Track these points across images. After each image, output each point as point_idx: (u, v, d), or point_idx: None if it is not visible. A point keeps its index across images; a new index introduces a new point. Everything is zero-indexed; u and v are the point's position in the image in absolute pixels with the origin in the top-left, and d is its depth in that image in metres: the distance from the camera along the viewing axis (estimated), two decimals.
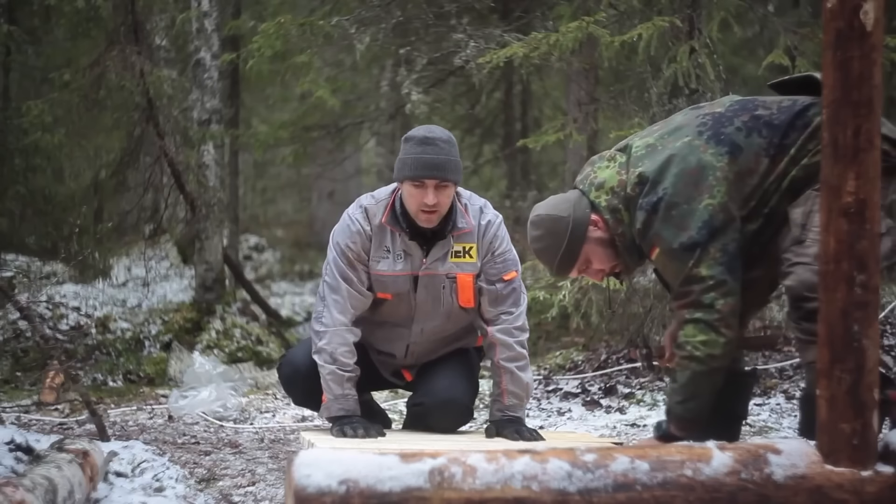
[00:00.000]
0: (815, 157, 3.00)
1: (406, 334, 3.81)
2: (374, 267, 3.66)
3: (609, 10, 5.34)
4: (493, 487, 2.11)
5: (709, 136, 3.08)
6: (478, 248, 3.66)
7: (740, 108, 3.13)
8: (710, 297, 3.01)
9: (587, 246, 3.20)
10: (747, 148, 3.04)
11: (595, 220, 3.19)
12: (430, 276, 3.66)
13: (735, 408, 3.39)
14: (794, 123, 3.04)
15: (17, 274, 7.27)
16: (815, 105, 3.05)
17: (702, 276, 3.00)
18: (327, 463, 2.10)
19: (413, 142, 3.54)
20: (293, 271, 12.15)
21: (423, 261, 3.65)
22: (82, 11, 6.76)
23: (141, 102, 6.76)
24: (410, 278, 3.66)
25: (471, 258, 3.66)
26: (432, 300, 3.70)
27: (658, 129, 3.26)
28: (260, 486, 3.67)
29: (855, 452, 2.20)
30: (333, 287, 3.67)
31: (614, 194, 3.15)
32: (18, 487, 2.60)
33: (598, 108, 5.93)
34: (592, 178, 3.22)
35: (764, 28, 7.23)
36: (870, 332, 2.18)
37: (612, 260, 3.24)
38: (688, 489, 2.17)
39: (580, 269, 3.27)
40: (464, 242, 3.65)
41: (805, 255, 2.92)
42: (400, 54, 7.00)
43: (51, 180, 7.29)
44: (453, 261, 3.65)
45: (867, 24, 2.13)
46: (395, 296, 3.69)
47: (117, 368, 6.83)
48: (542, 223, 3.24)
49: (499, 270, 3.67)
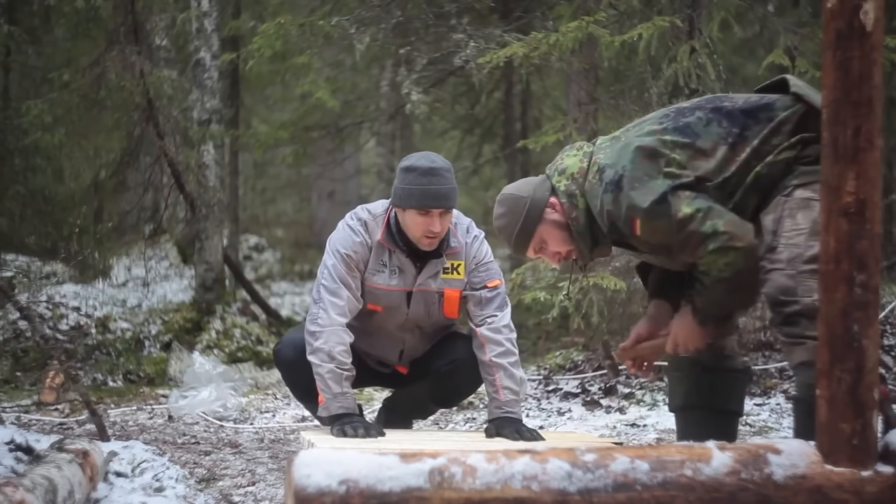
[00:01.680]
0: (780, 154, 3.02)
1: (399, 342, 3.94)
2: (370, 279, 3.77)
3: (609, 10, 5.34)
4: (493, 487, 2.11)
5: (668, 124, 3.14)
6: (465, 265, 3.84)
7: (706, 101, 3.20)
8: (709, 226, 3.01)
9: (542, 226, 3.29)
10: (705, 135, 3.08)
11: (553, 202, 3.27)
12: (422, 291, 3.81)
13: (730, 404, 3.41)
14: (756, 115, 3.07)
15: (17, 274, 7.27)
16: (781, 100, 3.08)
17: (689, 215, 3.02)
18: (327, 463, 2.10)
19: (417, 172, 3.65)
20: (293, 271, 12.15)
21: (416, 277, 3.78)
22: (82, 11, 6.76)
23: (141, 102, 6.76)
24: (404, 294, 3.80)
25: (458, 275, 3.84)
26: (423, 314, 3.85)
27: (628, 125, 3.35)
28: (260, 486, 3.67)
29: (855, 452, 2.20)
30: (332, 290, 3.73)
31: (573, 180, 3.23)
32: (18, 487, 2.60)
33: (598, 108, 5.93)
34: (558, 164, 3.31)
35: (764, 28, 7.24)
36: (870, 332, 2.18)
37: (567, 244, 3.31)
38: (688, 489, 2.17)
39: (535, 248, 3.36)
40: (453, 260, 3.83)
41: (778, 260, 2.95)
42: (400, 54, 7.00)
43: (51, 180, 7.29)
44: (444, 277, 3.82)
45: (867, 24, 2.13)
46: (385, 309, 3.82)
47: (117, 368, 6.83)
48: (504, 201, 3.35)
49: (482, 279, 3.85)
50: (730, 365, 3.39)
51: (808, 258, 2.90)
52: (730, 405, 3.41)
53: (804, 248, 2.92)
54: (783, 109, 3.06)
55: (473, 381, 3.90)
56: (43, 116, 6.60)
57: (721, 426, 3.32)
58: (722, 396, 3.36)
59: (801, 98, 3.06)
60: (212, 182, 7.71)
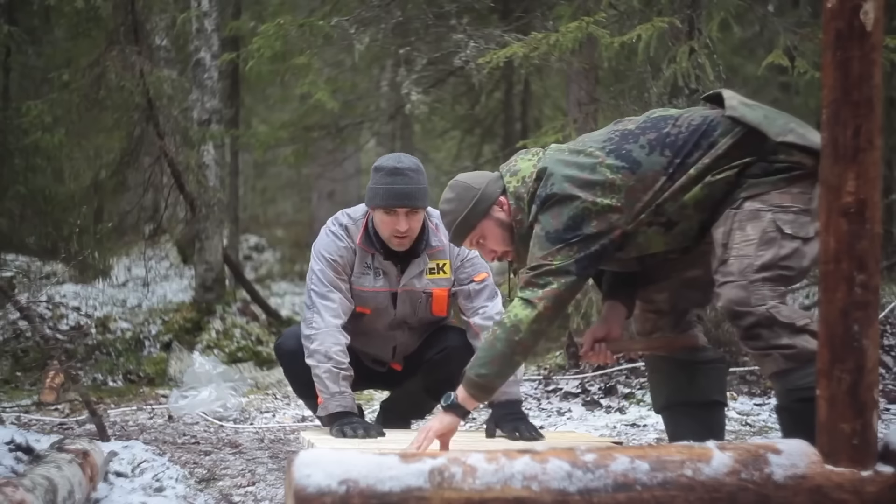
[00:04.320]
0: (718, 175, 3.02)
1: (391, 339, 4.00)
2: (357, 282, 3.85)
3: (609, 11, 5.34)
4: (493, 487, 2.11)
5: (610, 149, 3.15)
6: (451, 264, 3.90)
7: (651, 125, 3.19)
8: (545, 280, 3.08)
9: (486, 222, 3.29)
10: (647, 165, 3.09)
11: (501, 201, 3.29)
12: (407, 291, 3.89)
13: (714, 396, 3.43)
14: (698, 143, 3.08)
15: (17, 274, 7.27)
16: (723, 123, 3.07)
17: (550, 264, 3.07)
18: (327, 463, 2.10)
19: (383, 172, 3.74)
20: (293, 271, 12.16)
21: (399, 278, 3.85)
22: (82, 11, 6.75)
23: (141, 102, 6.76)
24: (389, 294, 3.87)
25: (444, 274, 3.90)
26: (410, 313, 3.92)
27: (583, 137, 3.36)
28: (260, 486, 3.67)
29: (855, 452, 2.20)
30: (323, 294, 3.80)
31: (523, 183, 3.24)
32: (18, 487, 2.60)
33: (598, 109, 5.92)
34: (512, 165, 3.33)
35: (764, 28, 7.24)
36: (870, 332, 2.18)
37: (506, 244, 3.32)
38: (688, 489, 2.17)
39: (473, 241, 3.36)
40: (437, 259, 3.89)
41: (729, 273, 2.96)
42: (400, 54, 6.99)
43: (51, 180, 7.29)
44: (429, 277, 3.89)
45: (867, 24, 2.13)
46: (374, 310, 3.89)
47: (117, 368, 6.84)
48: (455, 188, 3.35)
49: (469, 274, 3.91)
50: (704, 357, 3.41)
51: (758, 267, 2.91)
52: (713, 396, 3.43)
53: (754, 257, 2.93)
54: (724, 135, 3.05)
55: None
56: (43, 116, 6.60)
57: (707, 419, 3.35)
58: (703, 389, 3.39)
59: (738, 120, 3.06)
60: (212, 182, 7.72)
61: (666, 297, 3.36)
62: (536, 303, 3.07)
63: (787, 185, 2.96)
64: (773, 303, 2.88)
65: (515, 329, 3.09)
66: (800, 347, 2.80)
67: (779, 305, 2.88)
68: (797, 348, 2.81)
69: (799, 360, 2.79)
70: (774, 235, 2.94)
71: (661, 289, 3.36)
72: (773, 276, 2.91)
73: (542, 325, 3.10)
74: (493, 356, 3.12)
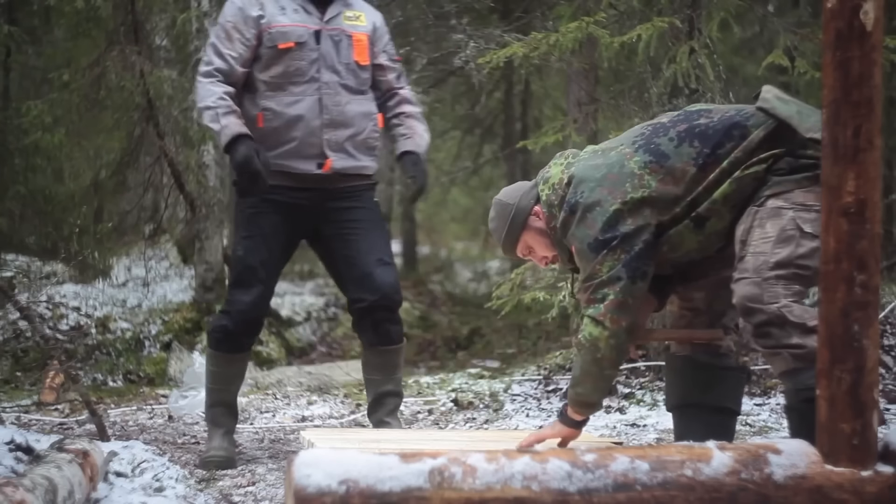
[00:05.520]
0: (747, 170, 3.02)
1: (315, 87, 3.94)
2: (273, 21, 3.91)
3: (609, 11, 5.33)
4: (493, 487, 2.11)
5: (639, 145, 3.16)
6: (366, 17, 4.07)
7: (684, 118, 3.20)
8: (601, 293, 3.11)
9: (527, 233, 3.36)
10: (675, 157, 3.09)
11: (537, 210, 3.33)
12: (330, 30, 3.96)
13: (727, 403, 3.42)
14: (729, 133, 3.07)
15: (17, 274, 7.27)
16: (756, 116, 3.07)
17: (600, 274, 3.11)
18: (327, 463, 2.10)
19: None
20: (293, 271, 12.12)
21: (321, 19, 3.96)
22: (82, 11, 6.75)
23: (141, 102, 6.76)
24: (311, 31, 3.94)
25: (361, 22, 4.05)
26: (334, 52, 3.96)
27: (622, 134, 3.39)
28: (260, 486, 3.67)
29: (855, 452, 2.20)
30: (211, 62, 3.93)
31: (554, 190, 3.27)
32: (18, 487, 2.60)
33: (598, 109, 5.92)
34: (546, 172, 3.36)
35: (764, 28, 7.23)
36: (870, 332, 2.18)
37: (552, 249, 3.37)
38: (688, 489, 2.17)
39: (523, 252, 3.43)
40: (355, 10, 4.05)
41: (745, 269, 2.97)
42: (400, 54, 6.99)
43: (51, 180, 7.29)
44: (347, 22, 4.00)
45: (867, 24, 2.13)
46: (297, 45, 3.93)
47: (117, 368, 6.83)
48: (495, 206, 3.44)
49: (389, 53, 4.16)
50: (725, 363, 3.40)
51: (773, 264, 2.91)
52: (726, 403, 3.41)
53: (770, 254, 2.92)
54: (756, 126, 3.05)
55: (391, 317, 4.03)
56: (43, 116, 6.60)
57: (718, 425, 3.32)
58: (718, 394, 3.37)
59: (770, 112, 3.05)
60: (212, 182, 7.70)
61: (703, 295, 3.35)
62: (602, 320, 3.11)
63: (812, 184, 2.92)
64: (786, 301, 2.87)
65: (595, 348, 3.15)
66: (809, 348, 2.77)
67: (791, 304, 2.87)
68: (807, 348, 2.80)
69: (808, 361, 2.75)
70: (793, 233, 2.93)
71: (699, 287, 3.35)
72: (787, 275, 2.90)
73: (620, 337, 3.13)
74: (584, 375, 3.21)
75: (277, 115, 3.91)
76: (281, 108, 3.91)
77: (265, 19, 3.91)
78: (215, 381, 4.10)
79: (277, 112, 3.91)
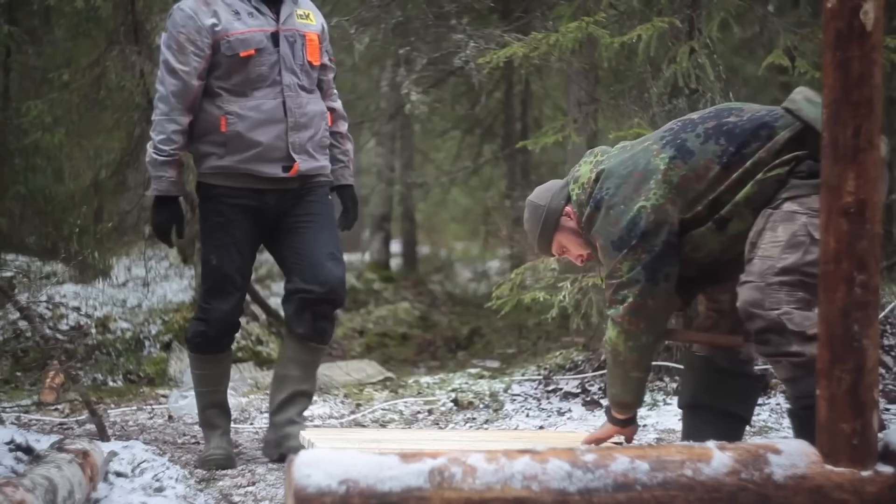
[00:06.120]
0: (769, 172, 3.01)
1: (277, 90, 3.92)
2: (230, 29, 3.86)
3: (609, 11, 5.33)
4: (493, 487, 2.11)
5: (667, 141, 3.17)
6: (314, 16, 4.07)
7: (713, 115, 3.20)
8: (621, 295, 3.14)
9: (560, 233, 3.39)
10: (699, 153, 3.09)
11: (568, 211, 3.36)
12: (286, 31, 3.94)
13: (738, 410, 3.41)
14: (756, 133, 3.06)
15: (17, 274, 7.26)
16: (785, 117, 3.06)
17: (621, 274, 3.13)
18: (327, 463, 2.10)
19: None
20: None
21: (276, 21, 3.93)
22: (82, 11, 6.74)
23: (141, 102, 6.75)
24: (268, 35, 3.91)
25: (312, 21, 4.04)
26: (291, 53, 3.95)
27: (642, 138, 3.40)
28: (260, 486, 3.67)
29: (855, 452, 2.20)
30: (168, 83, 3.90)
31: (583, 189, 3.28)
32: (18, 487, 2.60)
33: (598, 109, 5.92)
34: (575, 171, 3.37)
35: (764, 28, 7.23)
36: (870, 332, 2.18)
37: (586, 248, 3.39)
38: (688, 489, 2.17)
39: (558, 251, 3.47)
40: (303, 8, 4.03)
41: (751, 273, 2.97)
42: (400, 54, 6.99)
43: (51, 180, 7.27)
44: (300, 21, 3.99)
45: (867, 24, 2.13)
46: (257, 51, 3.89)
47: (117, 368, 6.82)
48: (528, 208, 3.47)
49: (329, 51, 4.15)
50: (743, 369, 3.39)
51: (779, 270, 2.90)
52: (737, 410, 3.40)
53: (777, 259, 2.92)
54: (784, 127, 3.04)
55: (331, 310, 4.07)
56: (43, 116, 6.59)
57: (727, 429, 3.30)
58: (731, 399, 3.36)
59: (795, 114, 3.04)
60: None
61: (729, 298, 3.32)
62: (620, 321, 3.14)
63: None
64: (787, 308, 2.86)
65: (616, 352, 3.19)
66: (809, 356, 2.76)
67: (792, 311, 2.85)
68: (806, 356, 2.79)
69: (807, 368, 2.74)
70: (803, 239, 2.91)
71: (725, 289, 3.33)
72: (792, 281, 2.89)
73: (640, 340, 3.15)
74: (612, 377, 3.29)
75: (242, 119, 3.88)
76: (245, 112, 3.88)
77: (220, 27, 3.84)
78: (204, 384, 4.12)
79: (242, 115, 3.88)
